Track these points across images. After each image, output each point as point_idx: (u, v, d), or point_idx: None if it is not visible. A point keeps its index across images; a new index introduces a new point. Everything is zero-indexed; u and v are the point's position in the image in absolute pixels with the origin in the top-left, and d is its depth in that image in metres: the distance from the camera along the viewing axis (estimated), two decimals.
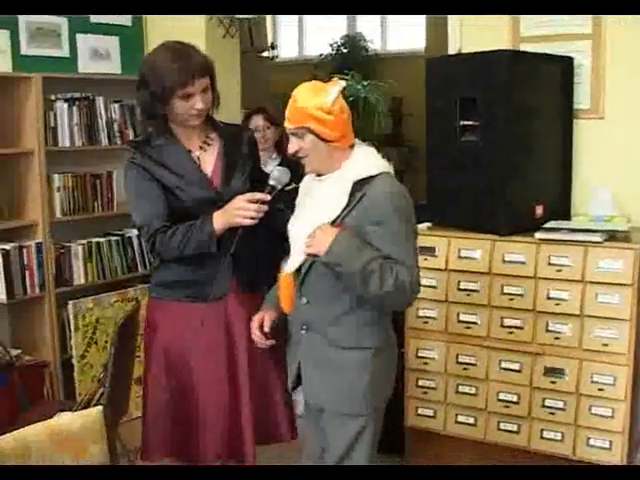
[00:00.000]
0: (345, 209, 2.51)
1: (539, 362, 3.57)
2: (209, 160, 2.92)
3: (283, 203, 2.89)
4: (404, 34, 9.42)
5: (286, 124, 2.58)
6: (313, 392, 2.69)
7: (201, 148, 2.92)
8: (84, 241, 4.41)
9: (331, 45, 9.20)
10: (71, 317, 4.24)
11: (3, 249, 4.05)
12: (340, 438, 2.62)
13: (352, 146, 2.61)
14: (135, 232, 4.62)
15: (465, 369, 3.73)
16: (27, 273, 4.13)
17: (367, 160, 2.58)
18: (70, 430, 2.68)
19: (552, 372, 3.54)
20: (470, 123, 3.62)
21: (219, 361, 2.93)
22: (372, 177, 2.53)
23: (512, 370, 3.63)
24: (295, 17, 9.92)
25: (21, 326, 4.33)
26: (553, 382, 3.54)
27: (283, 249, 3.02)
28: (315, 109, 2.50)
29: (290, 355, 2.78)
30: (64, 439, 2.66)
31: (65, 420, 2.73)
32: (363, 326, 2.59)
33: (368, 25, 9.55)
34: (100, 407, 2.78)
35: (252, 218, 2.71)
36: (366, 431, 2.63)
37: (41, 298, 4.22)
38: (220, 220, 2.77)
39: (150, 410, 2.99)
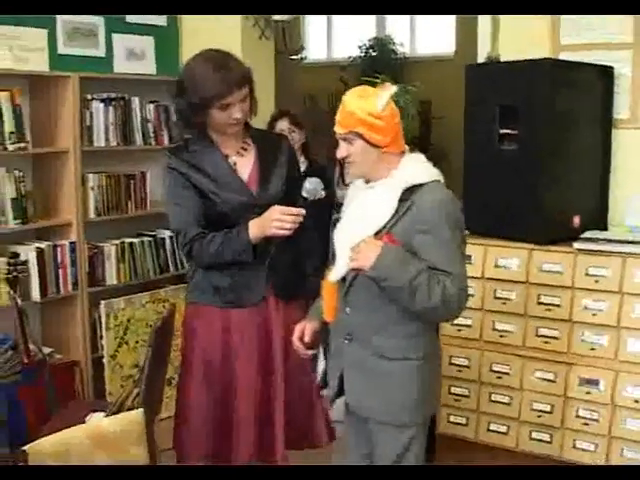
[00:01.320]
0: (393, 217, 2.48)
1: (574, 372, 3.56)
2: (246, 165, 2.92)
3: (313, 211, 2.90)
4: (433, 37, 9.41)
5: (336, 128, 2.55)
6: (359, 402, 2.66)
7: (238, 153, 2.92)
8: (117, 241, 4.41)
9: (360, 47, 9.20)
10: (103, 317, 4.24)
11: (38, 247, 4.07)
12: (390, 449, 2.60)
13: (402, 153, 2.58)
14: (168, 233, 4.63)
15: (499, 378, 3.72)
16: (60, 272, 4.15)
17: (417, 167, 2.54)
18: (111, 433, 2.69)
19: (587, 383, 3.53)
20: (509, 131, 3.61)
21: (255, 366, 2.95)
22: (421, 185, 2.50)
23: (546, 380, 3.62)
24: (323, 19, 9.90)
25: (52, 325, 4.34)
26: (588, 393, 3.52)
27: (320, 258, 3.04)
28: (365, 114, 2.47)
29: (332, 365, 2.75)
30: (105, 442, 2.67)
31: (105, 423, 2.75)
32: (409, 337, 2.56)
33: (397, 28, 9.52)
34: (140, 410, 2.80)
35: (287, 229, 2.72)
36: (415, 441, 2.61)
37: (73, 297, 4.23)
38: (256, 230, 2.78)
39: (191, 414, 2.99)
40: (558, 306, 3.56)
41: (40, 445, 2.57)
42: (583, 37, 3.82)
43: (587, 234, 3.59)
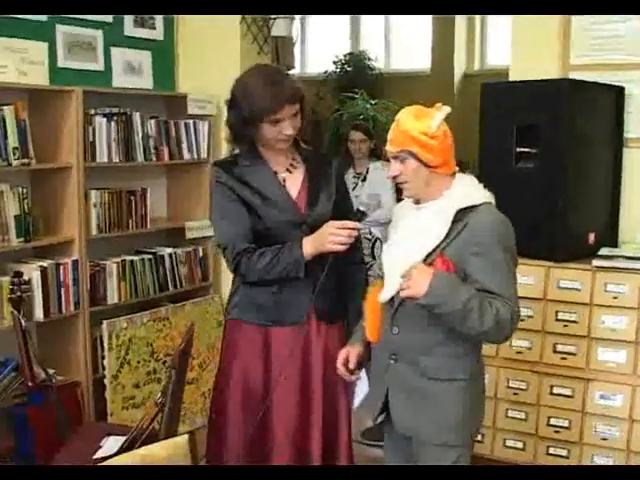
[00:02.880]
0: (445, 239, 2.47)
1: (592, 388, 3.60)
2: (295, 182, 2.89)
3: None
4: (408, 53, 9.48)
5: (388, 147, 2.54)
6: (405, 422, 2.63)
7: (287, 170, 2.89)
8: (118, 259, 4.32)
9: (335, 63, 9.22)
10: (105, 336, 4.14)
11: (41, 266, 3.95)
12: None
13: (453, 174, 2.57)
14: (167, 250, 4.56)
15: (515, 394, 3.75)
16: (63, 291, 4.03)
17: (469, 189, 2.54)
18: (158, 460, 2.62)
19: (605, 398, 3.57)
20: (526, 150, 3.65)
21: (294, 385, 2.90)
22: (474, 207, 2.49)
23: (564, 395, 3.65)
24: (297, 33, 9.90)
25: (50, 345, 4.21)
26: (606, 408, 3.57)
27: (361, 280, 3.02)
28: (419, 133, 2.46)
29: (376, 384, 2.72)
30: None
31: (152, 450, 2.67)
32: (457, 357, 2.54)
33: (371, 44, 9.57)
34: (186, 436, 2.73)
35: (343, 244, 2.69)
36: (461, 461, 2.59)
37: (74, 317, 4.12)
38: (310, 246, 2.74)
39: (228, 432, 2.95)
40: (576, 322, 3.60)
41: None
42: (592, 57, 3.89)
43: (603, 251, 3.65)
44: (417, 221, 2.57)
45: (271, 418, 2.90)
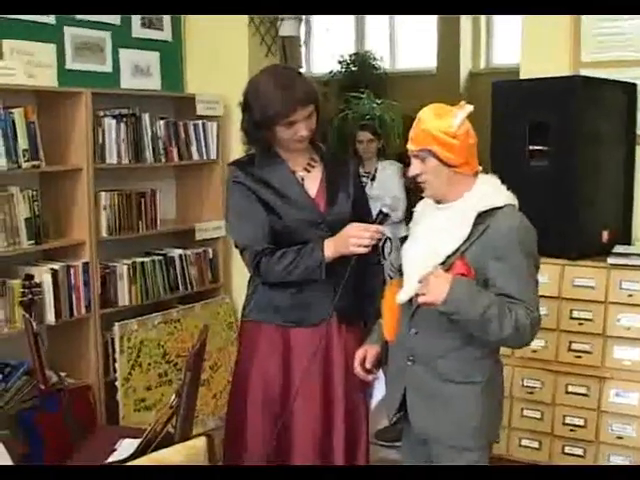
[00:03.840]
0: (466, 242, 2.43)
1: (607, 386, 3.58)
2: (313, 181, 2.88)
3: None
4: (414, 52, 9.48)
5: (409, 145, 2.51)
6: (422, 423, 2.60)
7: (305, 169, 2.87)
8: (129, 261, 4.30)
9: (340, 62, 9.21)
10: (117, 339, 4.13)
11: (52, 269, 3.93)
12: None
13: (475, 174, 2.54)
14: (178, 252, 4.54)
15: (530, 393, 3.73)
16: (74, 294, 4.02)
17: (491, 190, 2.50)
18: (175, 462, 2.61)
19: (620, 396, 3.55)
20: (539, 148, 3.63)
21: (316, 389, 2.89)
22: (496, 208, 2.46)
23: (579, 394, 3.63)
24: (302, 33, 9.94)
25: (61, 348, 4.19)
26: (621, 406, 3.55)
27: (379, 281, 3.00)
28: (440, 132, 2.42)
29: (393, 384, 2.69)
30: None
31: (170, 452, 2.66)
32: (473, 361, 2.51)
33: (377, 43, 9.56)
34: (203, 438, 2.71)
35: (366, 246, 2.67)
36: (479, 464, 2.58)
37: (86, 320, 4.10)
38: (332, 248, 2.72)
39: (248, 435, 2.93)
40: (591, 320, 3.58)
41: None
42: (603, 54, 3.87)
43: (618, 249, 3.63)
44: (437, 222, 2.53)
45: (293, 420, 2.88)
